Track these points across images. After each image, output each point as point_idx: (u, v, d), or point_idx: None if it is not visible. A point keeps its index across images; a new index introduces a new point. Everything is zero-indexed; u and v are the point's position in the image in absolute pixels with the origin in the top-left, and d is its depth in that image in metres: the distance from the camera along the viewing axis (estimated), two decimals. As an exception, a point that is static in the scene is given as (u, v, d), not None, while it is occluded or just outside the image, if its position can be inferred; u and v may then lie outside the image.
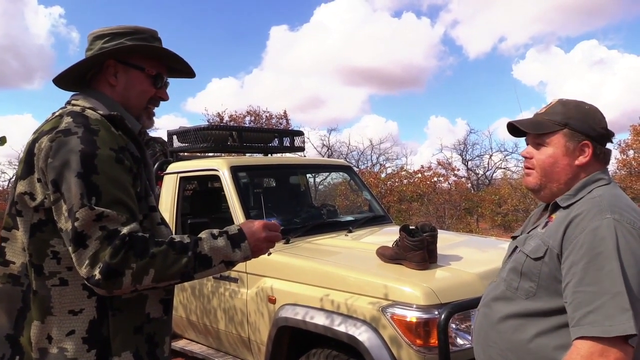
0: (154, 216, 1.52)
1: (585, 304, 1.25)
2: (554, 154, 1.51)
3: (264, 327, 3.15)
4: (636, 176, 11.72)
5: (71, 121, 1.39)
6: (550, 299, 1.39)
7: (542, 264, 1.41)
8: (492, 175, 20.21)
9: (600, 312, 1.23)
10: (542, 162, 1.53)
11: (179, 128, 4.51)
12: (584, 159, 1.48)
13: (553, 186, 1.52)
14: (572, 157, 1.49)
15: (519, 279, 1.47)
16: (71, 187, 1.29)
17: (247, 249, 1.46)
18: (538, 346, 1.39)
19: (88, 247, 1.27)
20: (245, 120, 17.53)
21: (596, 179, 1.47)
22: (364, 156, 19.65)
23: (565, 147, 1.49)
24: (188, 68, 1.70)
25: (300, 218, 4.13)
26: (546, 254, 1.40)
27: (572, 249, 1.33)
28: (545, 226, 1.50)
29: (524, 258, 1.47)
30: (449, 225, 12.12)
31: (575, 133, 1.48)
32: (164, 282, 1.36)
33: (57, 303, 1.36)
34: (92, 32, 1.59)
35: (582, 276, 1.28)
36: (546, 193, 1.55)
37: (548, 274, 1.39)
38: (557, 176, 1.51)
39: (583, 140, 1.48)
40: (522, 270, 1.46)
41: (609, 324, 1.21)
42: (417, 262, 2.81)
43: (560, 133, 1.50)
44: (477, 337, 1.61)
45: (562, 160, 1.50)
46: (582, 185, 1.47)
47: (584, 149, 1.48)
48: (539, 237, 1.47)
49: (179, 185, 4.08)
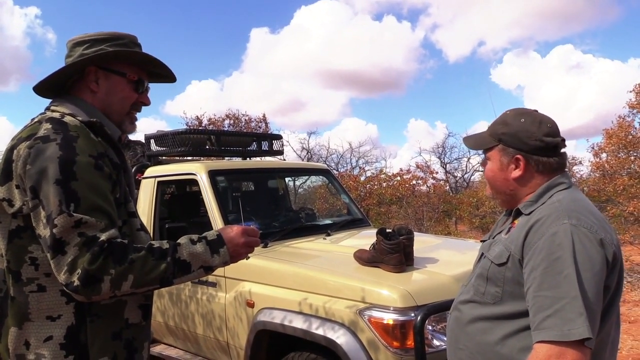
0: (134, 222, 1.53)
1: (544, 308, 1.29)
2: (492, 168, 1.57)
3: (243, 331, 3.15)
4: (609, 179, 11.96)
5: (50, 128, 1.39)
6: (515, 303, 1.42)
7: (506, 270, 1.44)
8: (470, 178, 20.47)
9: (558, 316, 1.26)
10: (487, 175, 1.61)
11: (157, 132, 4.49)
12: (518, 172, 1.52)
13: (502, 197, 1.59)
14: (507, 170, 1.54)
15: (485, 284, 1.50)
16: (50, 194, 1.30)
17: (225, 254, 1.47)
18: (504, 348, 1.43)
19: (66, 254, 1.28)
20: (224, 123, 17.42)
21: (557, 183, 1.51)
22: (343, 159, 19.70)
23: (500, 162, 1.55)
24: (169, 73, 1.72)
25: (279, 222, 4.14)
26: (509, 259, 1.44)
27: (531, 254, 1.36)
28: (508, 232, 1.54)
29: (489, 264, 1.51)
30: (427, 228, 12.20)
31: (508, 148, 1.53)
32: (143, 287, 1.36)
33: (35, 309, 1.36)
34: (71, 39, 1.59)
35: (541, 281, 1.32)
36: (500, 202, 1.62)
37: (511, 279, 1.43)
38: (500, 189, 1.58)
39: (515, 154, 1.52)
40: (487, 275, 1.50)
41: (567, 328, 1.24)
42: (394, 265, 2.84)
43: (496, 149, 1.56)
44: (449, 340, 1.65)
45: (499, 174, 1.56)
46: (544, 190, 1.50)
47: (518, 162, 1.52)
48: (502, 242, 1.51)
49: (156, 190, 4.06)
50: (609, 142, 12.74)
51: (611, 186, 11.03)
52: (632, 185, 10.29)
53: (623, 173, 11.76)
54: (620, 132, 12.52)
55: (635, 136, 12.24)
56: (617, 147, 12.46)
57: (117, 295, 1.34)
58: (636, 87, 12.83)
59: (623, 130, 12.57)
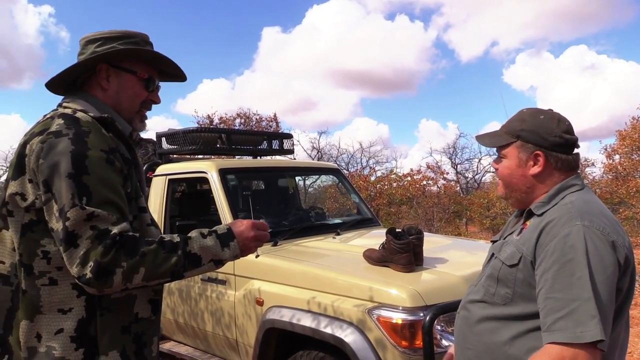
0: (144, 217, 1.54)
1: (556, 310, 1.28)
2: (510, 166, 1.55)
3: (252, 329, 3.16)
4: (622, 180, 11.86)
5: (62, 123, 1.41)
6: (525, 305, 1.41)
7: (517, 271, 1.43)
8: (481, 178, 20.36)
9: (571, 318, 1.25)
10: (502, 173, 1.58)
11: (168, 130, 4.52)
12: (537, 169, 1.51)
13: (517, 195, 1.57)
14: (526, 167, 1.53)
15: (495, 285, 1.49)
16: (62, 188, 1.31)
17: (236, 247, 1.49)
18: (512, 348, 1.42)
19: (79, 247, 1.29)
20: (235, 122, 17.50)
21: (569, 185, 1.50)
22: (354, 159, 19.68)
23: (519, 159, 1.53)
24: (179, 72, 1.73)
25: (289, 220, 4.15)
26: (520, 261, 1.43)
27: (544, 256, 1.36)
28: (520, 233, 1.53)
29: (499, 265, 1.50)
30: (437, 229, 12.18)
31: (527, 144, 1.52)
32: (155, 280, 1.38)
33: (47, 302, 1.37)
34: (84, 37, 1.61)
35: (552, 283, 1.31)
36: (514, 201, 1.59)
37: (523, 280, 1.42)
38: (516, 186, 1.56)
39: (535, 150, 1.51)
40: (498, 276, 1.49)
41: (579, 330, 1.24)
42: (403, 265, 2.84)
43: (513, 145, 1.54)
44: (457, 339, 1.64)
45: (517, 171, 1.54)
46: (556, 191, 1.49)
47: (537, 159, 1.51)
48: (513, 244, 1.50)
49: (167, 187, 4.08)
50: (622, 143, 12.64)
51: (624, 188, 10.94)
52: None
53: (636, 175, 11.66)
54: (634, 133, 12.41)
55: (649, 138, 12.12)
56: (630, 149, 12.36)
57: (128, 288, 1.35)
58: (650, 88, 12.69)
59: (637, 132, 12.46)
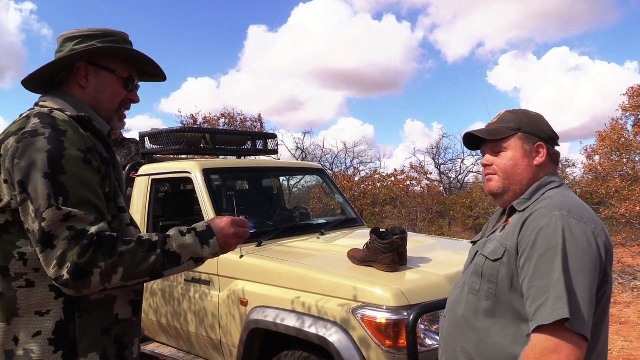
0: (123, 217, 1.52)
1: (537, 297, 1.31)
2: (514, 157, 1.58)
3: (236, 329, 3.15)
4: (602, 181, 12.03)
5: (38, 122, 1.38)
6: (509, 299, 1.43)
7: (501, 265, 1.46)
8: (464, 179, 20.48)
9: (549, 304, 1.28)
10: (504, 166, 1.60)
11: (151, 130, 4.48)
12: (541, 159, 1.57)
13: (516, 188, 1.59)
14: (531, 158, 1.58)
15: (480, 281, 1.52)
16: (38, 188, 1.29)
17: (215, 245, 1.48)
18: (498, 342, 1.44)
19: (55, 248, 1.27)
20: (219, 122, 17.40)
21: (548, 182, 1.56)
22: (338, 159, 19.67)
23: (523, 149, 1.58)
24: (159, 71, 1.72)
25: (273, 221, 4.14)
26: (504, 255, 1.46)
27: (525, 247, 1.40)
28: (503, 229, 1.57)
29: (483, 260, 1.53)
30: (421, 229, 12.23)
31: (530, 136, 1.58)
32: (134, 280, 1.36)
33: (24, 304, 1.35)
34: (63, 34, 1.58)
35: (534, 272, 1.35)
36: (508, 196, 1.61)
37: (506, 274, 1.45)
38: (519, 177, 1.58)
39: (537, 141, 1.57)
40: (482, 272, 1.51)
41: (548, 312, 1.27)
42: (387, 265, 2.85)
43: (515, 137, 1.59)
44: (444, 340, 1.66)
45: (522, 161, 1.58)
46: (536, 188, 1.55)
47: (540, 149, 1.57)
48: (497, 240, 1.53)
49: (150, 188, 4.05)
50: (602, 144, 12.83)
51: (604, 188, 11.09)
52: (625, 188, 10.36)
53: (616, 175, 11.84)
54: (614, 134, 12.60)
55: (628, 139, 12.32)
56: (610, 150, 12.55)
57: (107, 289, 1.33)
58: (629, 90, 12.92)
59: (616, 132, 12.65)
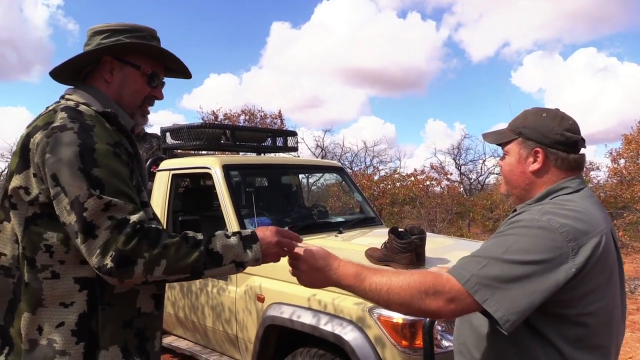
0: (146, 212, 1.54)
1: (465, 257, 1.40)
2: (511, 162, 1.58)
3: (252, 325, 3.17)
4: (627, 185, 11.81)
5: (66, 117, 1.40)
6: None
7: None
8: (484, 180, 20.26)
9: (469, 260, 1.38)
10: (504, 170, 1.61)
11: (173, 125, 4.53)
12: (537, 166, 1.52)
13: (516, 192, 1.59)
14: (525, 164, 1.54)
15: None
16: (74, 181, 1.30)
17: (258, 251, 1.46)
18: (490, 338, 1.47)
19: (98, 237, 1.28)
20: (239, 119, 17.48)
21: (561, 187, 1.50)
22: (357, 158, 19.62)
23: (519, 155, 1.55)
24: (184, 69, 1.72)
25: (291, 218, 4.16)
26: None
27: None
28: None
29: None
30: (440, 229, 12.14)
31: (528, 141, 1.54)
32: (175, 275, 1.35)
33: (49, 295, 1.37)
34: (92, 28, 1.60)
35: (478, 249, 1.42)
36: (514, 199, 1.61)
37: None
38: (516, 183, 1.57)
39: (535, 147, 1.52)
40: None
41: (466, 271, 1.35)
42: (405, 264, 2.84)
43: (515, 142, 1.57)
44: (454, 334, 1.68)
45: (517, 167, 1.56)
46: (545, 193, 1.50)
47: (537, 155, 1.52)
48: None
49: (171, 183, 4.09)
50: (628, 148, 12.58)
51: (628, 192, 10.88)
52: (650, 192, 10.15)
53: (641, 179, 11.60)
54: (640, 138, 12.35)
55: (655, 143, 12.06)
56: (635, 153, 12.30)
57: (148, 281, 1.33)
58: (658, 92, 12.61)
59: (643, 136, 12.39)
